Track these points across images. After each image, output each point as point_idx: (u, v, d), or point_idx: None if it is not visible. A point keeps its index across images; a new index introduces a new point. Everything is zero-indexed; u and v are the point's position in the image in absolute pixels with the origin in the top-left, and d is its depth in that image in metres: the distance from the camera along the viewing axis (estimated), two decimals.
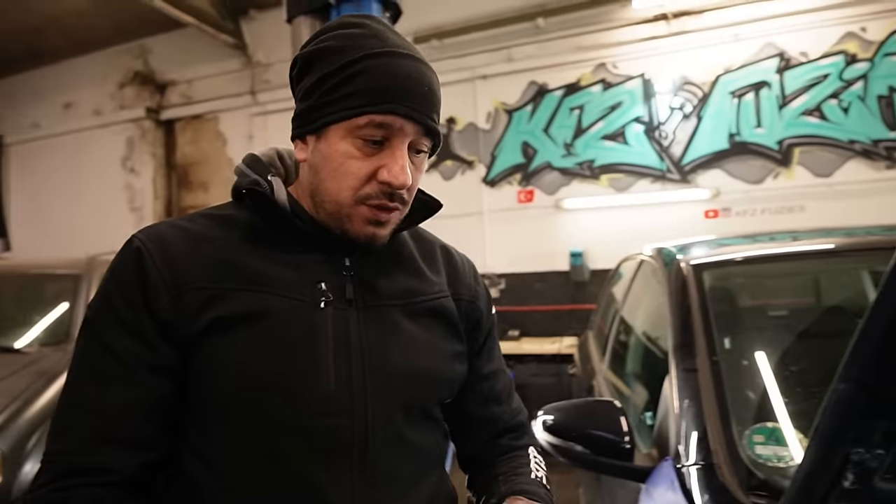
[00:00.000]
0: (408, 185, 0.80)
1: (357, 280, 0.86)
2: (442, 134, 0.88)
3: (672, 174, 5.03)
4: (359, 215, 0.81)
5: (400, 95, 0.77)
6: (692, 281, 1.84)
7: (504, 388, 1.08)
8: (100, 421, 0.73)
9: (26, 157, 7.92)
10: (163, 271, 0.76)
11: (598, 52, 5.21)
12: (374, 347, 0.83)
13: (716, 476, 1.22)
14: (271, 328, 0.77)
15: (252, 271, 0.80)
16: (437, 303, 0.94)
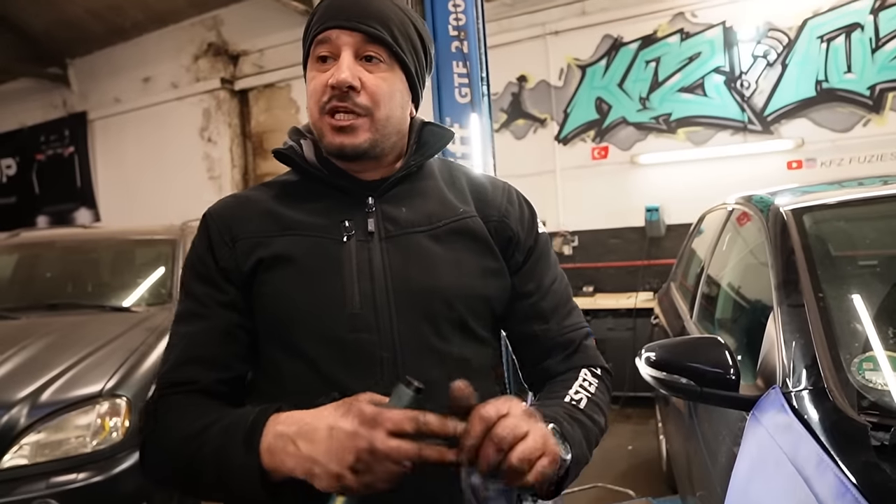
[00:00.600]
0: (348, 82, 0.87)
1: (379, 214, 0.96)
2: (418, 52, 0.97)
3: (753, 125, 4.87)
4: (326, 126, 0.92)
5: (333, 14, 0.90)
6: (793, 223, 1.84)
7: (552, 307, 1.05)
8: (186, 346, 0.92)
9: (110, 132, 8.30)
10: (221, 230, 0.96)
11: (676, 0, 5.04)
12: (397, 270, 0.92)
13: (827, 398, 1.26)
14: (302, 263, 0.92)
15: (287, 220, 0.95)
16: (462, 223, 0.98)
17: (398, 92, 0.94)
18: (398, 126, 0.97)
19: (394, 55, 0.92)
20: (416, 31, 0.97)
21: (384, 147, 0.96)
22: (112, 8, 7.51)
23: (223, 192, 7.27)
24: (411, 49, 0.95)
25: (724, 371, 1.46)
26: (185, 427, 0.84)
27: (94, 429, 2.70)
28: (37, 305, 3.84)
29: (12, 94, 8.99)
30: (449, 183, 1.05)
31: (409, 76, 0.96)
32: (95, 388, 2.80)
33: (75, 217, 8.56)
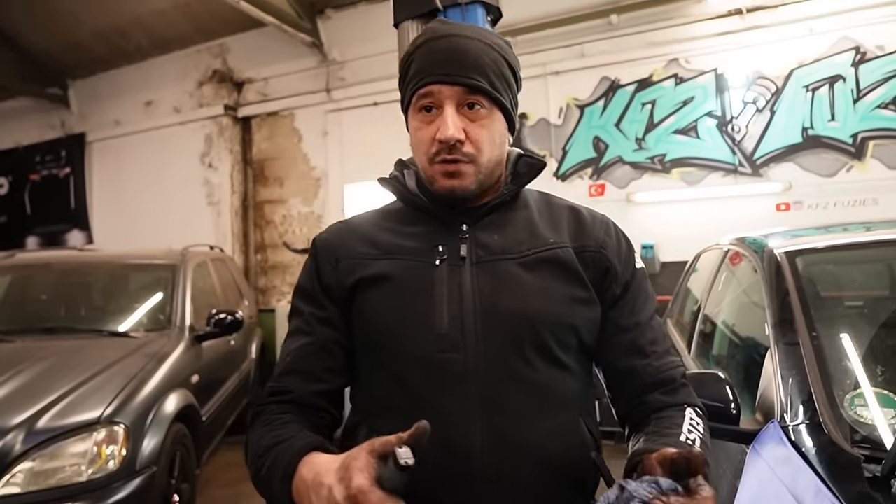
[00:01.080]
0: (455, 138, 0.94)
1: (472, 241, 1.02)
2: (511, 83, 1.02)
3: (744, 168, 5.06)
4: (436, 173, 0.99)
5: (434, 68, 0.97)
6: (787, 265, 1.97)
7: (650, 341, 1.05)
8: (290, 360, 1.04)
9: (108, 154, 8.25)
10: (327, 251, 1.08)
11: (671, 47, 5.28)
12: (486, 295, 0.98)
13: (823, 432, 1.37)
14: (397, 284, 1.01)
15: (386, 244, 1.05)
16: (552, 252, 1.01)
17: (498, 133, 1.01)
18: (499, 162, 1.04)
19: (493, 100, 0.98)
20: (508, 63, 1.02)
21: (489, 184, 1.03)
22: (118, 31, 7.59)
23: (221, 217, 7.34)
24: (506, 86, 1.01)
25: (725, 405, 1.57)
26: (260, 443, 0.95)
27: (91, 457, 2.63)
28: (32, 329, 3.78)
29: (10, 112, 8.95)
30: (544, 213, 1.09)
31: (507, 112, 1.02)
32: (93, 415, 2.73)
33: (67, 239, 8.43)
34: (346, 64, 6.75)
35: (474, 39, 0.99)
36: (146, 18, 7.30)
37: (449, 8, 2.84)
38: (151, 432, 2.94)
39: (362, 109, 6.59)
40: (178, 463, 3.20)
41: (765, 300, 1.91)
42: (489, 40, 1.00)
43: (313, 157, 7.07)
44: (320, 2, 6.72)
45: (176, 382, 3.40)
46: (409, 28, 2.91)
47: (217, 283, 5.06)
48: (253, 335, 5.75)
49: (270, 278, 7.33)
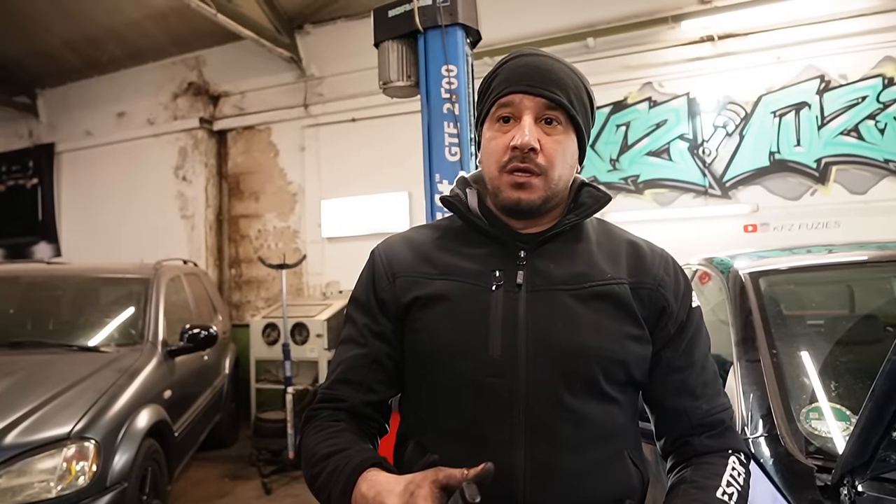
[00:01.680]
0: (531, 145, 0.95)
1: (529, 268, 1.01)
2: (588, 111, 1.04)
3: (714, 190, 5.20)
4: (504, 183, 0.99)
5: (517, 79, 0.99)
6: (750, 286, 2.04)
7: (701, 383, 1.04)
8: (343, 369, 1.06)
9: (78, 165, 8.07)
10: (384, 265, 1.08)
11: (645, 71, 5.42)
12: (539, 324, 0.97)
13: (780, 444, 1.43)
14: (453, 306, 1.01)
15: (444, 263, 1.05)
16: (608, 288, 1.00)
17: (570, 153, 1.01)
18: (566, 184, 1.04)
19: (570, 118, 0.99)
20: (587, 93, 1.04)
21: (553, 203, 1.03)
22: (91, 41, 7.42)
23: (195, 231, 7.25)
24: (584, 111, 1.02)
25: None
26: (316, 449, 0.98)
27: (60, 473, 2.60)
28: (8, 341, 3.70)
29: None
30: (603, 246, 1.07)
31: (581, 136, 1.03)
32: (63, 431, 2.70)
33: (34, 251, 8.20)
34: (324, 80, 6.77)
35: (559, 62, 1.02)
36: (120, 29, 7.17)
37: (429, 30, 2.89)
38: (123, 448, 2.92)
39: (340, 125, 6.61)
40: (149, 479, 3.18)
41: (729, 318, 1.97)
42: (573, 67, 1.04)
43: (290, 171, 7.05)
44: (299, 17, 6.74)
45: (148, 398, 3.37)
46: (389, 48, 2.94)
47: (190, 298, 5.01)
48: (226, 350, 5.69)
49: (245, 293, 7.26)
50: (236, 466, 5.12)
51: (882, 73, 4.75)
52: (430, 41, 2.90)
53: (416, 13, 2.90)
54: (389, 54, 2.94)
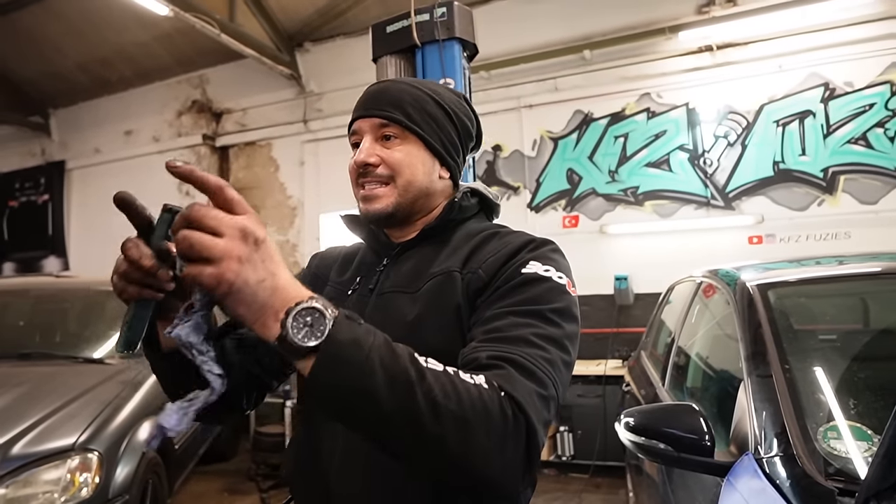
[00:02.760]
0: (364, 161, 1.02)
1: (384, 274, 1.08)
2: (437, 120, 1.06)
3: (716, 201, 5.14)
4: (359, 198, 1.07)
5: (357, 108, 1.08)
6: (759, 298, 1.98)
7: (486, 330, 0.86)
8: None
9: (88, 181, 8.26)
10: (313, 262, 1.26)
11: (643, 82, 5.40)
12: (375, 324, 0.91)
13: (797, 464, 1.36)
14: None
15: (333, 272, 1.19)
16: (434, 281, 0.98)
17: (418, 160, 1.04)
18: (423, 190, 1.06)
19: (407, 129, 1.03)
20: (438, 102, 1.07)
21: (410, 210, 1.06)
22: (100, 62, 7.62)
23: None
24: (430, 121, 1.05)
25: (699, 437, 1.55)
26: None
27: (64, 484, 2.64)
28: (7, 354, 3.76)
29: None
30: (457, 244, 1.04)
31: (430, 145, 1.05)
32: (67, 442, 2.76)
33: (44, 265, 8.39)
34: (323, 95, 6.80)
35: (402, 83, 1.08)
36: (128, 49, 7.34)
37: (427, 44, 2.88)
38: (125, 460, 2.96)
39: (339, 140, 6.59)
40: (150, 491, 3.20)
41: (738, 332, 1.91)
42: (421, 86, 1.08)
43: (290, 186, 7.08)
44: (299, 35, 6.79)
45: (150, 410, 3.38)
46: (387, 63, 2.93)
47: None
48: None
49: None
50: (235, 480, 5.10)
51: (890, 80, 4.70)
52: (428, 55, 2.90)
53: (413, 28, 2.90)
54: (388, 69, 2.93)
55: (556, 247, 0.99)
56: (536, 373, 0.78)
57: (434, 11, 2.88)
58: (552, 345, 0.84)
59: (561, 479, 4.92)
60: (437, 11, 2.87)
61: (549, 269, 0.92)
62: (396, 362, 0.68)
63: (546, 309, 0.87)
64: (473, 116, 1.16)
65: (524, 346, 0.81)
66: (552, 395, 0.80)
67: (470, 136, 1.15)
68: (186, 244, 0.61)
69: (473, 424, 0.68)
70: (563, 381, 0.84)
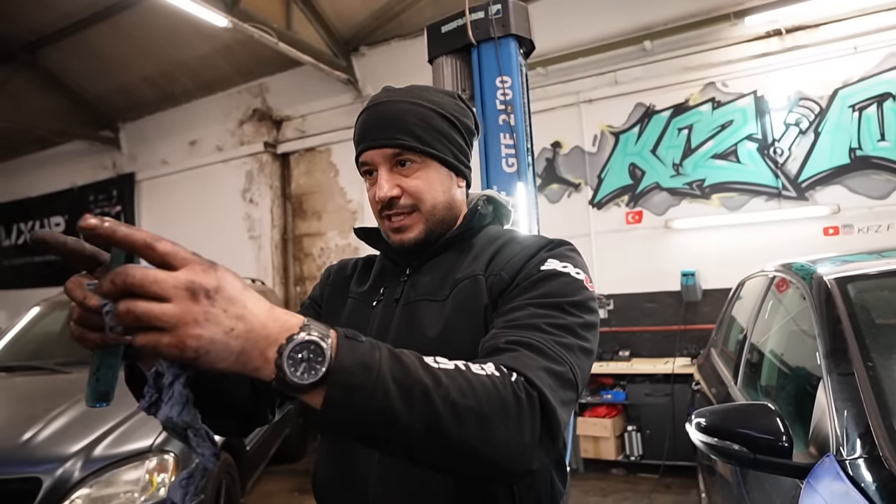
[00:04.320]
0: (388, 196, 1.02)
1: (409, 283, 1.08)
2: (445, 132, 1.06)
3: (788, 191, 4.92)
4: (386, 229, 1.08)
5: (364, 136, 1.05)
6: (837, 292, 1.88)
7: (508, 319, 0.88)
8: None
9: (156, 192, 8.63)
10: (330, 272, 1.25)
11: (707, 71, 5.21)
12: (404, 335, 1.01)
13: (883, 467, 1.27)
14: (343, 320, 1.11)
15: (352, 284, 1.18)
16: (459, 287, 1.00)
17: (437, 182, 1.06)
18: (446, 207, 1.08)
19: (423, 153, 1.03)
20: (442, 114, 1.06)
21: (439, 230, 1.08)
22: (165, 76, 7.96)
23: (262, 251, 7.47)
24: (440, 137, 1.05)
25: (776, 438, 1.48)
26: None
27: (143, 484, 2.75)
28: (87, 360, 3.91)
29: (66, 155, 9.44)
30: (479, 251, 1.06)
31: (445, 162, 1.06)
32: (145, 444, 2.86)
33: None
34: None
35: (401, 102, 1.05)
36: (191, 63, 7.64)
37: (482, 43, 2.86)
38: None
39: None
40: (223, 491, 3.30)
41: (815, 329, 1.82)
42: (420, 100, 1.06)
43: (349, 190, 7.19)
44: (355, 40, 6.88)
45: None
46: (443, 63, 2.93)
47: None
48: None
49: None
50: (304, 480, 5.18)
51: None
52: (484, 54, 2.88)
53: (469, 27, 2.89)
54: (444, 69, 2.92)
55: (572, 247, 1.02)
56: (548, 352, 0.80)
57: (489, 9, 2.85)
58: (567, 332, 0.86)
59: (630, 480, 4.82)
60: (492, 9, 2.85)
61: (566, 265, 0.95)
62: (408, 373, 0.65)
63: (564, 301, 0.90)
64: (469, 111, 1.15)
65: (538, 332, 0.83)
66: (567, 375, 0.80)
67: (472, 133, 1.14)
68: (132, 318, 0.55)
69: (492, 418, 0.68)
70: (581, 366, 0.84)
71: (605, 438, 4.96)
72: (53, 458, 2.70)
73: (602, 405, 5.14)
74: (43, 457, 2.73)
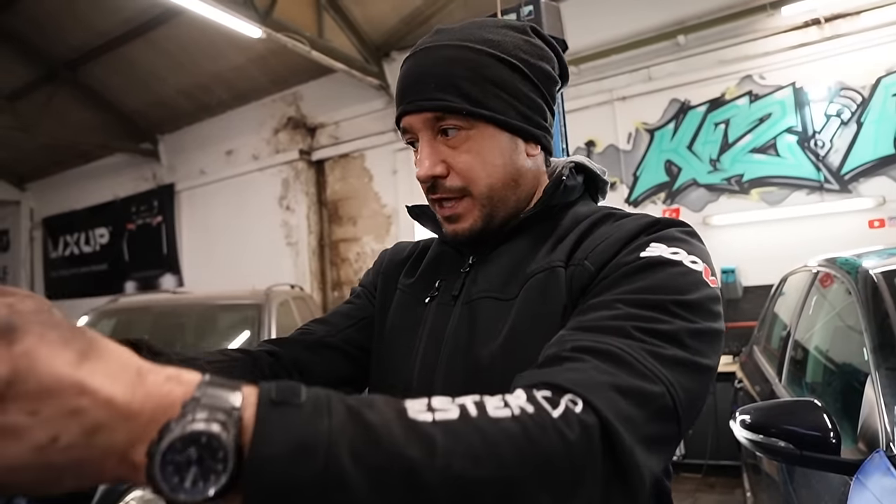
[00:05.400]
0: (428, 175, 0.80)
1: (471, 276, 0.86)
2: (504, 83, 0.80)
3: (830, 184, 4.80)
4: (440, 217, 0.86)
5: (401, 97, 0.82)
6: (885, 286, 1.85)
7: (582, 321, 0.65)
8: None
9: (195, 201, 8.83)
10: (383, 259, 1.05)
11: (743, 63, 5.12)
12: (463, 344, 0.81)
13: None
14: (390, 317, 0.94)
15: (403, 274, 0.98)
16: (532, 282, 0.78)
17: (493, 151, 0.81)
18: (510, 184, 0.83)
19: (472, 114, 0.79)
20: (501, 59, 0.81)
21: (505, 213, 0.85)
22: (200, 87, 8.15)
23: (300, 257, 7.58)
24: (497, 91, 0.80)
25: (823, 434, 1.46)
26: None
27: None
28: None
29: (108, 168, 9.76)
30: (561, 234, 0.83)
31: (506, 124, 0.81)
32: None
33: (161, 282, 9.03)
34: None
35: (447, 47, 0.81)
36: (226, 74, 7.81)
37: None
38: None
39: None
40: None
41: (861, 323, 1.78)
42: (472, 41, 0.81)
43: (384, 195, 7.25)
44: (385, 45, 6.95)
45: None
46: None
47: (299, 321, 5.20)
48: None
49: None
50: None
51: None
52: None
53: None
54: None
55: (690, 229, 0.76)
56: (634, 364, 0.57)
57: (521, 10, 2.84)
58: (669, 341, 0.61)
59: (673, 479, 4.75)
60: (523, 10, 2.84)
61: (677, 251, 0.70)
62: (379, 446, 0.42)
63: (669, 300, 0.65)
64: (549, 49, 0.86)
65: (624, 338, 0.60)
66: (661, 400, 0.57)
67: (552, 79, 0.86)
68: None
69: (526, 482, 0.46)
70: (687, 386, 0.60)
71: None
72: None
73: None
74: None
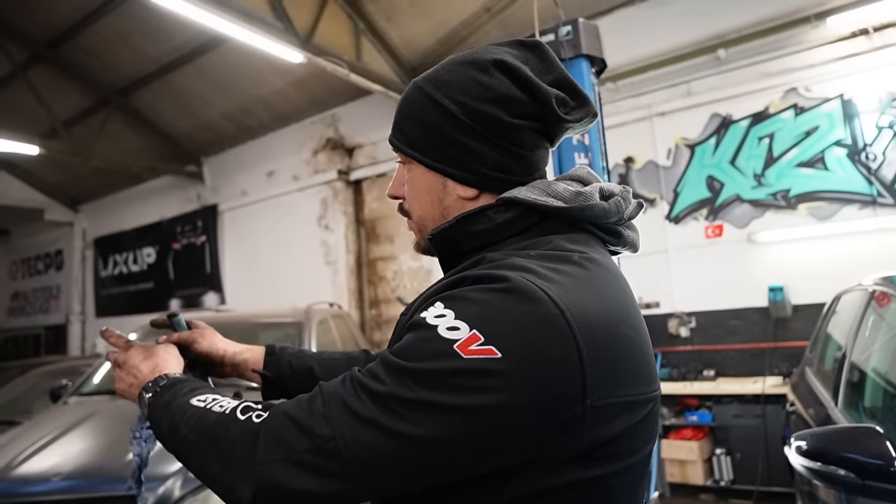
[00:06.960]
0: (389, 194, 0.95)
1: None
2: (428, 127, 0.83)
3: (884, 198, 4.61)
4: None
5: None
6: None
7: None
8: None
9: (237, 221, 9.04)
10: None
11: (788, 76, 4.99)
12: None
13: None
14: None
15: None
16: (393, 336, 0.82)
17: (423, 189, 0.86)
18: (440, 218, 0.86)
19: (405, 153, 0.87)
20: (436, 103, 0.81)
21: (437, 246, 0.88)
22: (243, 111, 8.39)
23: (338, 276, 7.65)
24: (426, 133, 0.83)
25: (886, 462, 1.38)
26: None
27: None
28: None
29: (156, 189, 10.10)
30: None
31: (429, 165, 0.84)
32: None
33: (204, 300, 9.24)
34: None
35: (412, 84, 0.87)
36: (267, 97, 8.02)
37: None
38: None
39: None
40: None
41: None
42: (425, 81, 0.85)
43: None
44: (422, 67, 6.99)
45: None
46: None
47: (338, 338, 5.25)
48: None
49: (385, 332, 7.50)
50: None
51: None
52: None
53: None
54: None
55: (502, 286, 0.68)
56: (317, 405, 0.70)
57: (559, 31, 2.84)
58: (370, 398, 0.67)
59: None
60: (562, 30, 2.83)
61: (446, 315, 0.67)
62: (168, 408, 0.88)
63: (398, 364, 0.67)
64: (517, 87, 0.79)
65: (340, 383, 0.71)
66: (326, 440, 0.66)
67: (499, 122, 0.79)
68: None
69: (206, 447, 0.78)
70: (366, 443, 0.65)
71: (691, 462, 4.75)
72: (155, 477, 2.81)
73: (687, 427, 4.94)
74: (146, 475, 2.86)
